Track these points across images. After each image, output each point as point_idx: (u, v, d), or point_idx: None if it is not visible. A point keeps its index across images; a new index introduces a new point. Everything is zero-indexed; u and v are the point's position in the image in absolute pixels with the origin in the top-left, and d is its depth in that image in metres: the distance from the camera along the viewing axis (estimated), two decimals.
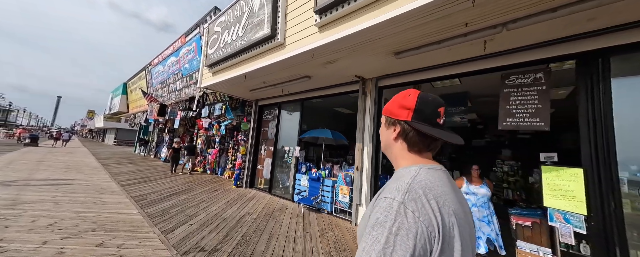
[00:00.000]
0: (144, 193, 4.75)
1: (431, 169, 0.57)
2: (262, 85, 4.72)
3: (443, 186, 0.54)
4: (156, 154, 13.10)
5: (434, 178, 0.54)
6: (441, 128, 0.60)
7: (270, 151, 5.90)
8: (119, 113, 17.06)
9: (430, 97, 0.61)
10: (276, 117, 5.89)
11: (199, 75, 6.89)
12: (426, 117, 0.59)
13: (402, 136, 0.61)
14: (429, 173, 0.55)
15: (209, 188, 5.72)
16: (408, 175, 0.54)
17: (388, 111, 0.66)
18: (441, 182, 0.54)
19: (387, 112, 0.66)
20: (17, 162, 7.69)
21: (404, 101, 0.62)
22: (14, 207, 3.32)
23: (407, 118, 0.60)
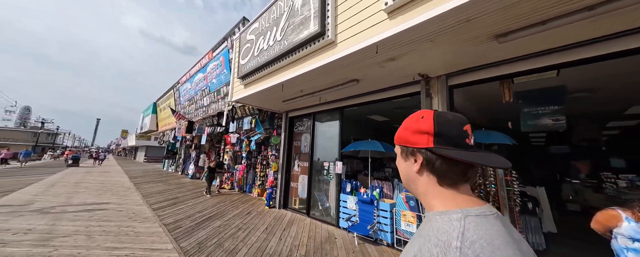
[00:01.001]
0: (176, 219, 4.35)
1: (481, 216, 0.43)
2: (299, 94, 4.25)
3: (506, 246, 0.39)
4: (183, 170, 13.22)
5: (491, 234, 0.40)
6: (474, 150, 0.49)
7: (305, 167, 5.32)
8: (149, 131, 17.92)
9: (450, 115, 0.52)
10: (310, 129, 5.36)
11: (228, 89, 6.68)
12: (452, 139, 0.49)
13: (428, 167, 0.50)
14: (481, 226, 0.41)
15: (242, 210, 5.22)
16: (452, 230, 0.41)
17: (401, 139, 0.56)
18: (502, 241, 0.39)
19: (400, 140, 0.56)
20: (58, 185, 7.93)
21: (418, 125, 0.52)
22: (46, 243, 3.03)
23: (428, 144, 0.50)
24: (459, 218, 0.42)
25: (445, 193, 0.49)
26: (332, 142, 4.82)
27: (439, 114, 0.51)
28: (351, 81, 3.35)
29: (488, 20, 1.82)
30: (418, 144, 0.51)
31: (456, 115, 0.52)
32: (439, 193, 0.49)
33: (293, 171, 5.72)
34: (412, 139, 0.52)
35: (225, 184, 8.58)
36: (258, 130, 6.07)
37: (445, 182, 0.49)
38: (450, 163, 0.48)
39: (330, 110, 4.87)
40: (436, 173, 0.50)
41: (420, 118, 0.52)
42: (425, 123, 0.51)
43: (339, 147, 4.52)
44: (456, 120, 0.50)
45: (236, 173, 8.26)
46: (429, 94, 3.01)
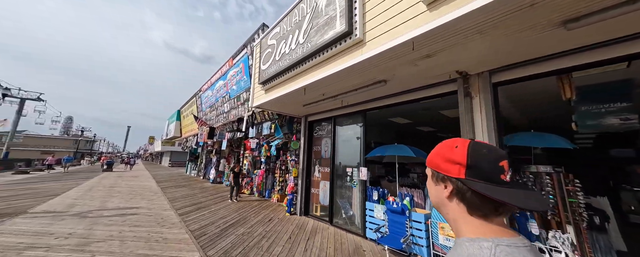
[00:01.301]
0: (201, 225, 4.38)
1: (512, 246, 0.42)
2: (321, 98, 4.12)
3: None
4: (205, 175, 13.68)
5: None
6: (510, 186, 0.46)
7: (326, 173, 5.15)
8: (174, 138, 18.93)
9: (485, 149, 0.49)
10: (331, 133, 5.19)
11: (248, 95, 6.78)
12: (485, 174, 0.47)
13: (458, 196, 0.50)
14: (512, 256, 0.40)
15: (263, 217, 5.15)
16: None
17: (433, 164, 0.56)
18: None
19: (432, 164, 0.57)
20: (95, 189, 8.52)
21: (451, 155, 0.51)
22: (84, 248, 3.16)
23: (459, 175, 0.49)
24: (489, 246, 0.43)
25: (475, 222, 0.48)
26: (354, 146, 4.61)
27: (474, 146, 0.50)
28: (378, 82, 3.16)
29: (558, 3, 1.54)
30: (449, 172, 0.51)
31: (493, 149, 0.50)
32: (470, 221, 0.49)
33: (313, 177, 5.57)
34: (444, 166, 0.52)
35: (245, 189, 8.66)
36: (277, 135, 6.04)
37: (476, 213, 0.48)
38: (481, 196, 0.47)
39: (352, 114, 4.68)
40: (466, 203, 0.49)
41: (454, 147, 0.51)
42: (459, 153, 0.49)
43: (363, 152, 4.29)
44: (492, 155, 0.48)
45: (255, 178, 8.31)
46: (468, 93, 2.72)
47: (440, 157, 0.53)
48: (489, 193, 0.45)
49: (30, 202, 5.95)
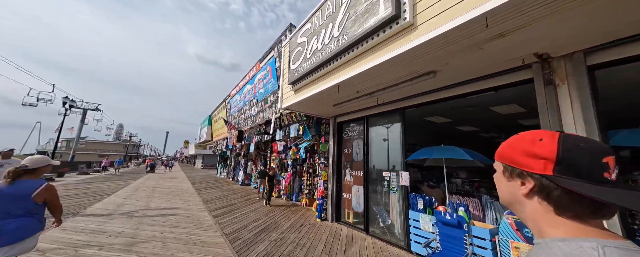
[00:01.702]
0: (234, 229, 4.35)
1: (623, 249, 0.35)
2: (354, 96, 3.82)
3: None
4: (233, 177, 14.21)
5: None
6: (614, 185, 0.39)
7: (359, 177, 4.79)
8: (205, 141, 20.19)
9: (583, 142, 0.43)
10: (363, 134, 4.84)
11: (275, 97, 6.77)
12: (582, 170, 0.41)
13: (541, 194, 0.44)
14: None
15: (294, 222, 4.97)
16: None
17: (506, 158, 0.50)
18: None
19: (504, 158, 0.51)
20: (140, 190, 9.31)
21: (534, 148, 0.45)
22: (131, 249, 3.28)
23: (544, 171, 0.43)
24: (594, 247, 0.36)
25: (567, 223, 0.42)
26: (391, 148, 4.19)
27: (567, 139, 0.43)
28: (425, 74, 2.75)
29: None
30: (530, 168, 0.45)
31: (594, 143, 0.43)
32: (559, 222, 0.43)
33: (344, 181, 5.25)
34: (522, 161, 0.47)
35: (273, 192, 8.67)
36: (306, 137, 5.87)
37: (566, 213, 0.43)
38: (573, 196, 0.41)
39: (388, 113, 4.28)
40: (553, 202, 0.43)
41: (538, 140, 0.46)
42: (545, 147, 0.44)
43: (403, 154, 3.86)
44: (594, 149, 0.42)
45: (283, 181, 8.27)
46: (551, 81, 2.18)
47: (517, 150, 0.48)
48: (588, 192, 0.39)
49: (89, 200, 6.64)
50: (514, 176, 0.49)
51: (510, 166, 0.50)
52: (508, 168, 0.50)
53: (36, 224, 1.88)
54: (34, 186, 1.88)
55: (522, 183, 0.47)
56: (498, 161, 0.54)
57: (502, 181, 0.52)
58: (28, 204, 1.84)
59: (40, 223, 1.92)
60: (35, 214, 1.89)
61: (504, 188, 0.52)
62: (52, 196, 1.97)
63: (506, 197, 0.52)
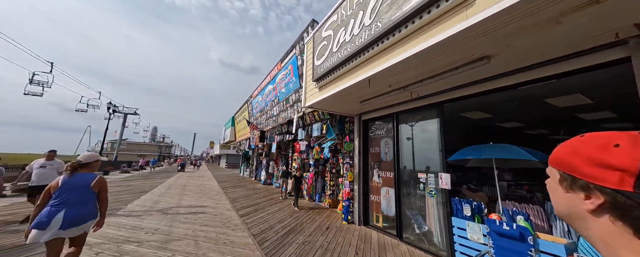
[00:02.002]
0: (261, 229, 4.32)
1: None
2: (386, 90, 3.53)
3: None
4: (256, 176, 14.56)
5: None
6: None
7: (389, 178, 4.46)
8: (229, 142, 21.07)
9: None
10: (392, 133, 4.50)
11: (298, 96, 6.68)
12: None
13: (614, 212, 0.36)
14: None
15: (319, 224, 4.80)
16: None
17: (566, 165, 0.41)
18: None
19: (563, 166, 0.42)
20: (173, 187, 9.92)
21: (603, 155, 0.36)
22: (166, 246, 3.38)
23: (620, 186, 0.34)
24: None
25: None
26: (426, 147, 3.81)
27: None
28: (478, 61, 2.38)
29: None
30: (600, 180, 0.36)
31: None
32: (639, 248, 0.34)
33: (372, 182, 4.95)
34: (589, 171, 0.38)
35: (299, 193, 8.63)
36: (329, 136, 5.67)
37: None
38: None
39: (422, 108, 3.90)
40: (632, 224, 0.35)
41: (612, 146, 0.36)
42: (624, 155, 0.34)
43: (442, 154, 3.47)
44: None
45: (304, 181, 8.18)
46: None
47: (582, 157, 0.39)
48: None
49: (129, 197, 7.18)
50: (575, 187, 0.41)
51: (570, 176, 0.41)
52: (567, 178, 0.42)
53: (91, 210, 2.17)
54: (90, 177, 2.18)
55: (587, 197, 0.39)
56: (555, 168, 0.45)
57: (559, 191, 0.44)
58: (85, 193, 2.13)
59: (94, 210, 2.20)
60: (90, 202, 2.17)
61: (560, 200, 0.44)
62: (103, 187, 2.25)
63: (563, 210, 0.45)
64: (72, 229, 2.02)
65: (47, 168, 4.22)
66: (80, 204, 2.09)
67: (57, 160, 4.41)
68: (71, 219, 2.00)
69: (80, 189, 2.11)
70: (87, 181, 2.15)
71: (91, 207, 2.17)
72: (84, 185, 2.13)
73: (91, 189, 2.15)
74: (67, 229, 1.98)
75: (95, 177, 2.19)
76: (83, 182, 2.13)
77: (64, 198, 2.03)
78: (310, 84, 4.58)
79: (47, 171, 4.21)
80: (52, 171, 4.26)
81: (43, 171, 4.17)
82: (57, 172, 4.30)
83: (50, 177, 4.15)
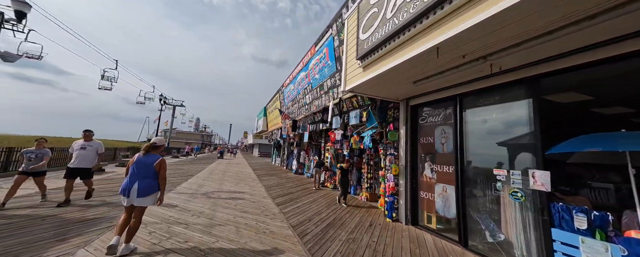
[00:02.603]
0: (300, 220, 4.12)
1: None
2: (455, 63, 2.79)
3: None
4: (287, 165, 14.84)
5: None
6: None
7: (448, 174, 3.74)
8: (262, 132, 21.93)
9: None
10: (454, 119, 3.72)
11: (334, 82, 6.19)
12: None
13: None
14: None
15: (361, 220, 4.40)
16: None
17: None
18: None
19: None
20: (214, 173, 10.64)
21: None
22: (210, 231, 3.40)
23: None
24: None
25: None
26: (509, 137, 2.99)
27: None
28: (624, 5, 1.53)
29: None
30: None
31: None
32: None
33: (422, 177, 4.29)
34: None
35: (328, 182, 8.37)
36: (370, 124, 5.10)
37: None
38: None
39: (503, 87, 3.05)
40: None
41: None
42: None
43: (537, 145, 2.64)
44: None
45: (338, 172, 7.82)
46: None
47: None
48: None
49: (179, 180, 7.84)
50: None
51: None
52: None
53: (154, 185, 2.62)
54: (155, 158, 2.64)
55: None
56: None
57: None
58: (150, 170, 2.59)
59: (156, 185, 2.64)
60: (153, 178, 2.62)
61: None
62: (163, 167, 2.67)
63: None
64: (140, 199, 2.49)
65: (87, 150, 4.27)
66: (147, 178, 2.57)
67: (96, 140, 4.48)
68: (141, 189, 2.49)
69: (148, 166, 2.59)
70: (153, 160, 2.62)
71: (154, 182, 2.61)
72: (150, 163, 2.60)
73: (154, 167, 2.60)
74: (139, 198, 2.48)
75: (158, 158, 2.65)
76: (150, 161, 2.61)
77: (137, 172, 2.54)
78: (352, 65, 4.04)
79: (87, 152, 4.25)
80: (92, 152, 4.31)
81: (83, 153, 4.22)
82: (96, 153, 4.36)
83: (90, 159, 4.26)
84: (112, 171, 9.17)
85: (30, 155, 4.09)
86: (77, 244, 2.64)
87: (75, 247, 2.59)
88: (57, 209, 3.85)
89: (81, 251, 2.51)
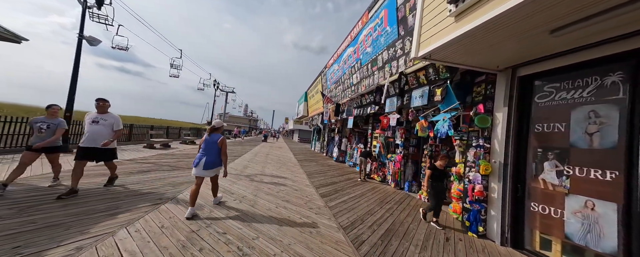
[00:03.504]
0: (351, 220, 3.38)
1: None
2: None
3: None
4: (327, 152, 14.32)
5: None
6: None
7: (602, 182, 2.30)
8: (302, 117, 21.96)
9: None
10: (626, 93, 2.18)
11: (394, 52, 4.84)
12: None
13: None
14: None
15: (430, 229, 3.36)
16: None
17: None
18: None
19: None
20: (258, 155, 10.90)
21: None
22: (251, 224, 2.98)
23: None
24: None
25: None
26: None
27: None
28: None
29: None
30: None
31: None
32: None
33: (536, 182, 2.89)
34: None
35: (375, 174, 7.38)
36: (447, 104, 3.78)
37: None
38: None
39: None
40: None
41: None
42: None
43: None
44: None
45: (389, 164, 6.71)
46: None
47: None
48: None
49: (230, 159, 8.12)
50: None
51: None
52: None
53: (218, 160, 3.10)
54: (218, 137, 3.11)
55: None
56: None
57: None
58: (214, 147, 3.06)
59: (219, 160, 3.11)
60: (217, 154, 3.09)
61: None
62: (224, 145, 3.12)
63: None
64: (208, 171, 3.01)
65: (100, 124, 3.26)
66: (213, 154, 3.05)
67: (112, 114, 3.45)
68: (208, 163, 2.99)
69: (213, 143, 3.08)
70: (216, 139, 3.10)
71: (217, 158, 3.09)
72: (214, 141, 3.08)
73: (218, 144, 3.08)
74: (206, 170, 2.99)
75: (220, 137, 3.14)
76: (214, 140, 3.09)
77: (205, 149, 3.05)
78: (433, 18, 2.81)
79: (101, 128, 3.26)
80: (106, 129, 3.30)
81: (96, 128, 3.22)
82: (111, 130, 3.35)
83: (102, 136, 3.26)
84: (175, 148, 10.32)
85: (40, 125, 3.16)
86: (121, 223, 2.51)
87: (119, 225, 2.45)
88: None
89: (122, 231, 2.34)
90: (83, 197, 3.10)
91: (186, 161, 7.09)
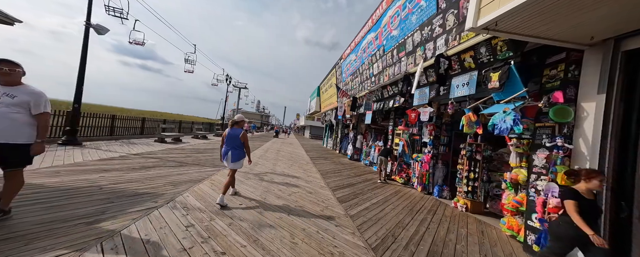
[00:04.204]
0: (379, 236, 2.69)
1: None
2: None
3: None
4: (340, 149, 13.61)
5: None
6: None
7: None
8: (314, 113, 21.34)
9: None
10: None
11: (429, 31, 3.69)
12: None
13: None
14: None
15: (482, 247, 2.59)
16: None
17: None
18: None
19: None
20: (269, 151, 10.44)
21: None
22: (258, 236, 2.41)
23: None
24: None
25: None
26: None
27: None
28: None
29: None
30: None
31: None
32: None
33: None
34: None
35: (397, 175, 6.59)
36: (511, 93, 2.91)
37: None
38: None
39: None
40: None
41: None
42: None
43: None
44: None
45: (414, 165, 5.90)
46: None
47: None
48: None
49: None
50: None
51: None
52: None
53: (241, 152, 3.28)
54: (239, 131, 3.28)
55: None
56: None
57: None
58: (237, 141, 3.24)
59: (243, 152, 3.30)
60: (240, 147, 3.27)
61: None
62: (245, 139, 3.28)
63: None
64: (233, 163, 3.19)
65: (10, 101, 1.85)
66: (236, 148, 3.21)
67: (30, 87, 1.98)
68: (234, 156, 3.18)
69: (235, 138, 3.21)
70: (238, 133, 3.23)
71: (241, 150, 3.26)
72: (236, 135, 3.22)
73: (240, 139, 3.22)
74: (232, 163, 3.18)
75: (241, 132, 3.27)
76: (236, 133, 3.23)
77: (228, 142, 3.21)
78: None
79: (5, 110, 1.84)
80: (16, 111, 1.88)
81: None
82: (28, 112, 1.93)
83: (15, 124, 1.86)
84: (186, 142, 10.09)
85: None
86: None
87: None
88: None
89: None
90: (70, 198, 2.68)
91: (194, 156, 6.72)
